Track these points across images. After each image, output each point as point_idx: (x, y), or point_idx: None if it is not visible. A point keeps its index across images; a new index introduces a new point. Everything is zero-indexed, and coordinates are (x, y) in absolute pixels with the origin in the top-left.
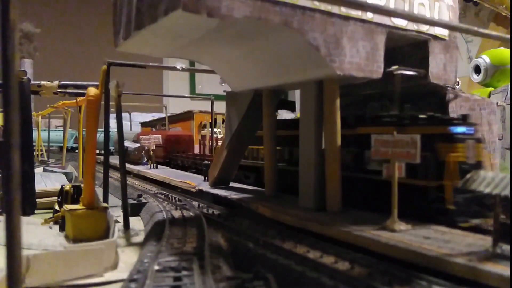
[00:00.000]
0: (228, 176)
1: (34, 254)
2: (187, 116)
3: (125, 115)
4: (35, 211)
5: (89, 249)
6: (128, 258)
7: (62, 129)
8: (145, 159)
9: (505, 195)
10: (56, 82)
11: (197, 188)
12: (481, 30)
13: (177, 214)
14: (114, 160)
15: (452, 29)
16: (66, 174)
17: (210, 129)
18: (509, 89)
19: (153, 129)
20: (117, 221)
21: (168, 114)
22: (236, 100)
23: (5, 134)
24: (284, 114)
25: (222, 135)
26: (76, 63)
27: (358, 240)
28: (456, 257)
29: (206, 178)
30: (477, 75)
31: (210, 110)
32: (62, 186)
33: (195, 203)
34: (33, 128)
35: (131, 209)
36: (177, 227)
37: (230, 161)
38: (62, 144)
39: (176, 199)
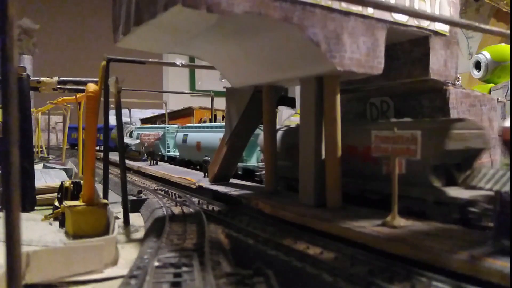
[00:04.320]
0: (228, 172)
1: (34, 250)
2: (187, 112)
3: (124, 111)
4: (35, 208)
5: (89, 246)
6: (128, 254)
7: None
8: (146, 155)
9: (505, 192)
10: (55, 78)
11: (197, 184)
12: (482, 26)
13: (177, 210)
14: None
15: (453, 25)
16: (66, 170)
17: None
18: (510, 85)
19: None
20: (117, 218)
21: (168, 111)
22: (236, 96)
23: (5, 131)
24: (284, 111)
25: None
26: (75, 59)
27: (358, 236)
28: (457, 254)
29: (206, 174)
30: (478, 71)
31: (210, 106)
32: (62, 182)
33: (195, 200)
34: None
35: (131, 206)
36: (177, 224)
37: (230, 157)
38: None
39: (176, 195)
